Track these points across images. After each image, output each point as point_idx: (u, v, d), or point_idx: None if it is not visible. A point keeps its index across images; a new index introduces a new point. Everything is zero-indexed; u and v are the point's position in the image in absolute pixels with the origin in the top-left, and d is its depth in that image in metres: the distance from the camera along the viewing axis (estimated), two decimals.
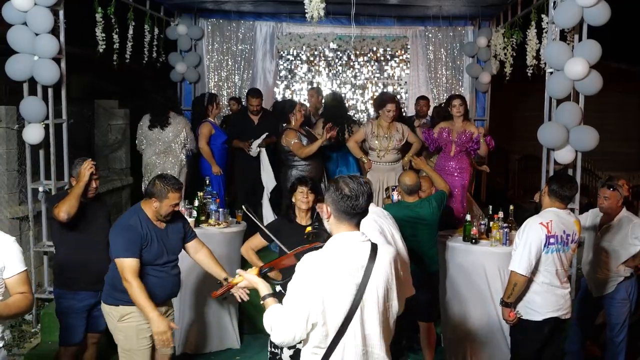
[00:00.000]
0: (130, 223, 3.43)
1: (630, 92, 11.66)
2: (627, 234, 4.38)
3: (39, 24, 4.76)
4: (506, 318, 3.73)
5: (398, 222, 4.25)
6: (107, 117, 7.41)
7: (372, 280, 2.31)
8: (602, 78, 4.64)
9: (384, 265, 2.35)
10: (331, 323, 2.29)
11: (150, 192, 3.45)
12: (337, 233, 2.38)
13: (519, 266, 3.55)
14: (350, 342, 2.30)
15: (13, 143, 5.38)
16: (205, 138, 5.86)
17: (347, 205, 2.32)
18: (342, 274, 2.29)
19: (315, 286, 2.27)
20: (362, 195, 2.34)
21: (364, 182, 2.39)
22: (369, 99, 8.44)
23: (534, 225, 3.57)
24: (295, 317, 2.26)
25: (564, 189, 3.62)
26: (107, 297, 3.55)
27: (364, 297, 2.30)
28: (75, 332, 3.96)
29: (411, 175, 4.42)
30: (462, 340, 4.77)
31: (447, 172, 5.56)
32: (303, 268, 2.32)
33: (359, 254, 2.33)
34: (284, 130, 5.70)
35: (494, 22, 7.59)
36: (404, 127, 5.94)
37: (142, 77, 10.49)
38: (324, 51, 8.37)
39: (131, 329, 3.47)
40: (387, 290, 2.36)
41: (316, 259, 2.33)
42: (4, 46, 4.86)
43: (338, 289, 2.28)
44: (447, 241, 4.75)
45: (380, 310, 2.35)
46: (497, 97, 8.46)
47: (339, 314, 2.28)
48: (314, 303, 2.26)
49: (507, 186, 10.46)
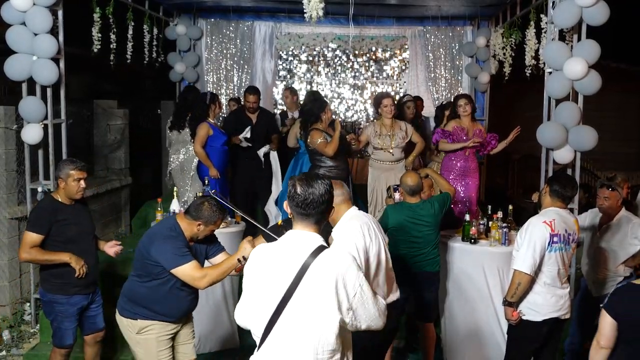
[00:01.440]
0: (172, 233, 3.27)
1: (629, 91, 11.67)
2: (626, 233, 4.38)
3: (38, 24, 4.76)
4: (509, 318, 3.72)
5: (400, 222, 4.27)
6: (106, 117, 7.40)
7: (306, 281, 2.20)
8: (601, 78, 4.64)
9: (324, 270, 2.21)
10: (261, 316, 2.28)
11: (197, 215, 3.28)
12: (294, 229, 2.37)
13: (523, 265, 3.53)
14: (274, 341, 2.26)
15: (12, 143, 5.38)
16: (201, 140, 5.74)
17: (298, 204, 2.30)
18: (278, 268, 2.26)
19: (255, 276, 2.33)
20: (312, 195, 2.28)
21: (323, 183, 2.33)
22: (368, 99, 8.45)
23: (537, 224, 3.57)
24: (240, 303, 2.41)
25: (566, 189, 3.63)
26: (124, 310, 3.40)
27: (293, 296, 2.21)
28: (69, 334, 3.98)
29: (413, 176, 4.42)
30: (461, 341, 4.77)
31: (465, 173, 5.52)
32: (251, 257, 2.40)
33: (301, 252, 2.25)
34: (310, 131, 5.62)
35: (493, 22, 7.60)
36: (407, 126, 5.93)
37: (141, 77, 10.51)
38: (323, 51, 8.38)
39: (151, 341, 3.37)
40: (323, 298, 2.20)
41: (263, 250, 2.38)
42: (3, 46, 4.86)
43: (272, 283, 2.27)
44: (447, 241, 4.74)
45: (310, 316, 2.20)
46: (496, 97, 8.46)
47: (268, 309, 2.25)
48: (251, 292, 2.34)
49: (506, 186, 10.47)
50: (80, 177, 3.85)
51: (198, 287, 3.25)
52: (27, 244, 3.80)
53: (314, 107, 5.61)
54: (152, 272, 3.27)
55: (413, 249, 4.30)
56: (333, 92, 8.56)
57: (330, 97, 8.45)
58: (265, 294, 2.28)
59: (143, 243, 3.30)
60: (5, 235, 5.30)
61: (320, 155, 5.51)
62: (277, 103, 8.48)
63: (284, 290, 2.22)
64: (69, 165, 3.86)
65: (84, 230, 3.98)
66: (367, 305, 2.28)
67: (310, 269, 2.21)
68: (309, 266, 2.21)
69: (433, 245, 4.37)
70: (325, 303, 2.20)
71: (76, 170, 3.83)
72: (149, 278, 3.29)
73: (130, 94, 9.96)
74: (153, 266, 3.24)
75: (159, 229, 3.36)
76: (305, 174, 2.41)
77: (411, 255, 4.31)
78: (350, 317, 2.25)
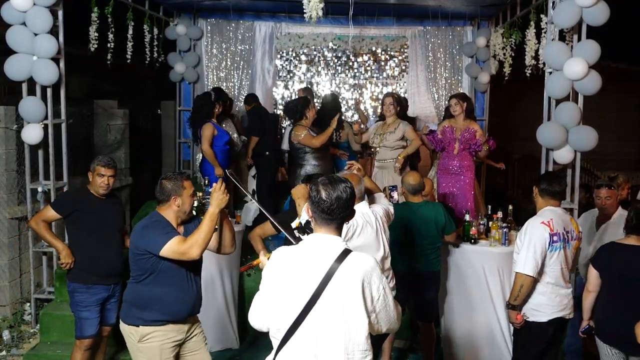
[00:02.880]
0: (152, 220, 3.23)
1: (629, 92, 11.67)
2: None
3: (38, 24, 4.76)
4: (513, 321, 3.70)
5: (403, 222, 4.28)
6: (106, 117, 7.40)
7: (333, 284, 2.22)
8: (602, 78, 4.64)
9: (351, 274, 2.22)
10: (285, 318, 2.26)
11: (166, 194, 3.23)
12: (315, 233, 2.36)
13: (525, 267, 3.51)
14: (299, 342, 2.25)
15: (12, 143, 5.38)
16: (208, 140, 5.81)
17: (323, 210, 2.29)
18: (303, 272, 2.26)
19: (277, 279, 2.30)
20: (339, 201, 2.28)
21: (345, 186, 2.32)
22: (368, 99, 8.45)
23: (536, 225, 3.56)
24: (258, 305, 2.36)
25: (553, 185, 3.63)
26: (126, 317, 3.31)
27: (320, 299, 2.22)
28: (90, 325, 4.04)
29: (415, 176, 4.44)
30: (461, 341, 4.77)
31: (451, 171, 5.53)
32: (272, 260, 2.36)
33: (327, 256, 2.25)
34: (293, 128, 5.69)
35: (493, 22, 7.59)
36: (405, 127, 5.93)
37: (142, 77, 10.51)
38: (323, 51, 8.38)
39: (154, 349, 3.25)
40: (352, 301, 2.22)
41: (285, 252, 2.35)
42: (3, 46, 4.87)
43: (296, 286, 2.25)
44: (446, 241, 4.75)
45: (339, 319, 2.22)
46: (496, 97, 8.45)
47: (293, 311, 2.24)
48: (272, 294, 2.31)
49: (506, 186, 10.46)
50: (103, 174, 3.98)
51: (191, 257, 3.08)
52: (42, 216, 4.09)
53: (298, 105, 5.72)
54: (146, 266, 3.19)
55: (415, 248, 4.30)
56: (333, 92, 8.54)
57: None
58: (289, 297, 2.26)
59: (131, 240, 3.28)
60: (5, 235, 5.30)
61: (304, 153, 5.59)
62: (277, 103, 8.48)
63: (310, 294, 2.22)
64: (97, 160, 4.04)
65: (107, 224, 4.09)
66: (388, 308, 2.31)
67: (337, 274, 2.22)
68: (335, 271, 2.22)
69: (435, 245, 4.38)
70: (354, 306, 2.21)
71: (100, 165, 3.99)
72: (145, 274, 3.21)
73: (130, 94, 9.96)
74: (145, 259, 3.18)
75: (141, 222, 3.31)
76: (327, 177, 2.37)
77: (413, 254, 4.31)
78: (373, 319, 2.28)
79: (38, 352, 4.79)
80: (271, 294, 2.32)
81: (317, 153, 5.69)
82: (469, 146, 5.44)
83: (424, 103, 8.06)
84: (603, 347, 3.65)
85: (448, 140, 5.53)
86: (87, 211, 4.03)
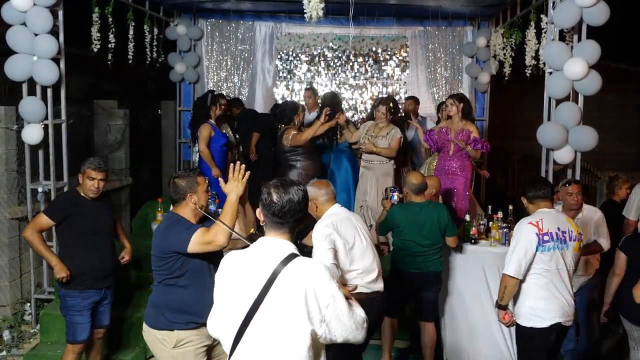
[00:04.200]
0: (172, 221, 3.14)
1: (629, 92, 11.67)
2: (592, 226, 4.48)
3: (38, 24, 4.76)
4: (501, 320, 3.71)
5: (406, 222, 4.29)
6: (106, 117, 7.40)
7: (275, 288, 2.09)
8: (602, 78, 4.65)
9: (294, 277, 2.09)
10: (230, 325, 2.16)
11: (181, 192, 3.16)
12: (266, 237, 2.26)
13: (508, 268, 3.52)
14: (245, 348, 2.13)
15: (12, 143, 5.38)
16: (205, 140, 5.84)
17: (274, 213, 2.19)
18: (248, 276, 2.15)
19: (225, 284, 2.23)
20: (290, 204, 2.18)
21: (297, 189, 2.23)
22: (368, 99, 8.45)
23: (522, 226, 3.55)
24: (213, 311, 2.28)
25: (539, 188, 3.61)
26: (157, 323, 3.13)
27: (262, 304, 2.09)
28: (83, 330, 4.00)
29: (417, 175, 4.45)
30: (461, 340, 4.78)
31: (448, 172, 5.53)
32: (221, 264, 2.28)
33: (272, 260, 2.13)
34: (283, 131, 5.72)
35: (493, 22, 7.60)
36: (395, 134, 5.92)
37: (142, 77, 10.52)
38: (323, 51, 8.38)
39: (189, 354, 3.10)
40: (293, 306, 2.07)
41: (234, 257, 2.26)
42: (4, 46, 4.87)
43: (241, 291, 2.15)
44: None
45: (281, 326, 2.08)
46: (497, 97, 8.46)
47: (237, 318, 2.13)
48: (221, 300, 2.23)
49: (506, 186, 10.46)
50: (94, 177, 3.90)
51: (219, 245, 2.96)
52: (36, 225, 3.97)
53: (286, 109, 5.77)
54: (175, 267, 3.09)
55: (417, 248, 4.30)
56: (333, 91, 8.54)
57: None
58: (234, 303, 2.16)
59: (154, 245, 3.15)
60: (6, 235, 5.30)
61: (294, 155, 5.64)
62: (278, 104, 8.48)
63: (253, 298, 2.10)
64: (87, 163, 3.94)
65: (99, 227, 4.04)
66: (341, 317, 2.13)
67: (280, 277, 2.09)
68: (279, 274, 2.09)
69: (437, 245, 4.37)
70: (294, 313, 2.07)
71: (91, 169, 3.90)
72: (175, 276, 3.11)
73: (131, 94, 9.97)
74: (173, 261, 3.08)
75: (160, 225, 3.22)
76: (279, 179, 2.28)
77: (415, 254, 4.31)
78: (323, 329, 2.11)
79: (38, 352, 4.79)
80: (220, 301, 2.23)
81: (306, 154, 5.72)
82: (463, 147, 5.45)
83: (424, 103, 8.03)
84: (631, 327, 3.92)
85: (443, 141, 5.54)
86: (80, 215, 3.94)
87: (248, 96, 8.15)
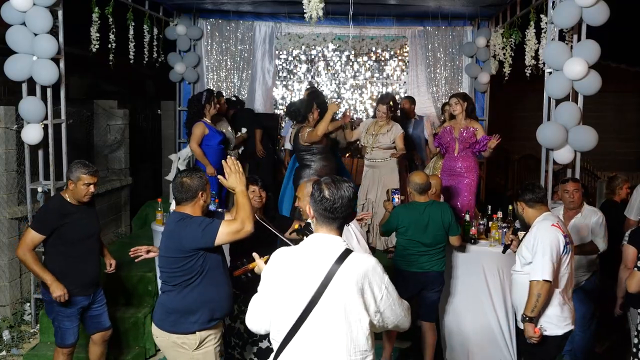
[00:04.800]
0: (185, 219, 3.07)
1: (629, 92, 11.68)
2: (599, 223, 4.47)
3: (38, 24, 4.76)
4: (530, 335, 3.40)
5: (410, 222, 4.29)
6: (106, 117, 7.41)
7: (333, 286, 2.20)
8: (601, 78, 4.64)
9: (351, 275, 2.21)
10: (285, 319, 2.25)
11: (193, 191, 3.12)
12: (316, 233, 2.35)
13: (543, 273, 3.29)
14: (299, 344, 2.23)
15: (12, 143, 5.38)
16: (196, 139, 5.75)
17: (326, 209, 2.28)
18: (303, 273, 2.25)
19: (277, 280, 2.29)
20: (342, 200, 2.28)
21: (348, 186, 2.33)
22: (367, 99, 8.45)
23: (547, 228, 3.38)
24: (256, 306, 2.36)
25: (536, 192, 3.54)
26: (177, 327, 3.07)
27: (320, 301, 2.20)
28: (72, 334, 3.98)
29: (421, 175, 4.44)
30: (461, 340, 4.78)
31: (454, 173, 5.51)
32: (272, 261, 2.35)
33: (327, 257, 2.24)
34: (298, 130, 5.66)
35: (493, 22, 7.60)
36: (397, 132, 5.92)
37: (142, 77, 10.52)
38: (323, 51, 8.38)
39: (210, 354, 3.11)
40: (352, 302, 2.20)
41: (285, 253, 2.34)
42: (3, 46, 4.87)
43: (297, 287, 2.25)
44: None
45: (340, 321, 2.20)
46: (496, 97, 8.46)
47: (293, 313, 2.23)
48: (272, 295, 2.30)
49: (506, 186, 10.47)
50: (91, 182, 3.83)
51: (248, 232, 2.98)
52: (27, 243, 3.80)
53: (301, 108, 5.72)
54: (195, 266, 3.04)
55: (421, 248, 4.30)
56: (333, 92, 8.56)
57: (330, 97, 8.45)
58: (289, 299, 2.25)
59: (169, 247, 3.08)
60: (5, 235, 5.31)
61: (309, 154, 5.58)
62: (278, 103, 8.48)
63: (310, 295, 2.21)
64: (82, 168, 3.82)
65: (89, 232, 3.98)
66: (393, 306, 2.30)
67: (337, 275, 2.20)
68: (335, 272, 2.21)
69: (441, 245, 4.38)
70: (352, 307, 2.20)
71: (88, 175, 3.81)
72: (195, 276, 3.06)
73: (130, 94, 9.97)
74: (195, 260, 3.03)
75: (170, 227, 3.15)
76: (330, 177, 2.38)
77: (419, 254, 4.31)
78: (377, 319, 2.27)
79: (38, 352, 4.79)
80: (271, 296, 2.31)
81: (322, 155, 5.66)
82: (468, 145, 5.43)
83: (424, 103, 8.05)
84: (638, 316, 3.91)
85: (447, 141, 5.52)
86: (69, 224, 3.85)
87: (248, 96, 8.15)
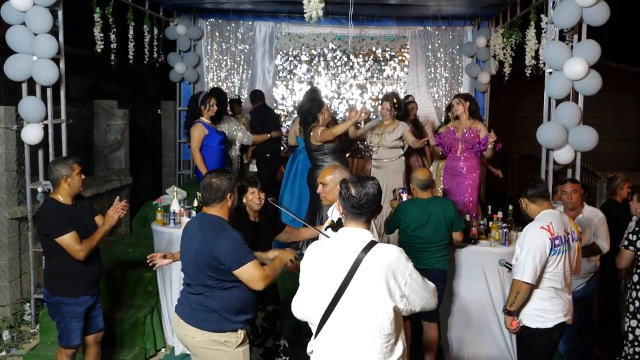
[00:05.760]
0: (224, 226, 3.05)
1: (629, 92, 11.68)
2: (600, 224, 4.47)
3: (38, 24, 4.76)
4: (508, 327, 3.59)
5: (413, 218, 4.30)
6: (106, 117, 7.41)
7: (359, 273, 2.41)
8: (602, 78, 4.64)
9: (376, 263, 2.41)
10: (319, 305, 2.49)
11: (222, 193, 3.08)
12: (346, 227, 2.57)
13: (524, 274, 3.40)
14: (332, 327, 2.46)
15: (12, 143, 5.38)
16: (195, 141, 5.59)
17: (353, 205, 2.50)
18: (334, 263, 2.47)
19: (312, 271, 2.55)
20: (367, 197, 2.49)
21: (372, 183, 2.54)
22: (368, 99, 8.45)
23: (534, 231, 3.45)
24: (299, 296, 2.61)
25: (537, 187, 3.55)
26: (221, 326, 3.07)
27: (348, 287, 2.42)
28: (78, 335, 3.96)
29: (424, 171, 4.47)
30: (461, 340, 4.78)
31: (456, 173, 5.50)
32: (307, 254, 2.60)
33: (354, 248, 2.45)
34: (310, 129, 5.63)
35: (493, 22, 7.60)
36: (404, 128, 5.91)
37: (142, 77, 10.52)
38: (323, 51, 8.38)
39: (247, 351, 3.17)
40: (376, 288, 2.40)
41: (319, 246, 2.59)
42: (3, 46, 4.87)
43: (328, 276, 2.47)
44: None
45: (366, 305, 2.41)
46: (497, 97, 8.46)
47: (326, 299, 2.46)
48: (309, 285, 2.55)
49: (506, 186, 10.46)
50: (81, 169, 3.89)
51: (258, 289, 3.00)
52: (73, 244, 3.75)
53: (311, 108, 5.67)
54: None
55: (423, 245, 4.30)
56: (333, 92, 8.55)
57: (331, 97, 8.44)
58: (322, 287, 2.48)
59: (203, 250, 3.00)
60: (5, 235, 5.30)
61: (321, 154, 5.53)
62: (277, 103, 8.48)
63: (339, 282, 2.42)
64: (67, 160, 3.85)
65: (87, 231, 3.94)
66: (418, 290, 2.48)
67: (363, 263, 2.41)
68: (362, 260, 2.41)
69: (443, 242, 4.37)
70: (377, 293, 2.40)
71: (76, 163, 3.87)
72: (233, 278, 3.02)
73: (131, 94, 9.97)
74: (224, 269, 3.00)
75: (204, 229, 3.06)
76: (356, 175, 2.61)
77: (420, 250, 4.30)
78: (404, 303, 2.46)
79: (38, 352, 4.79)
80: (308, 285, 2.56)
81: (334, 155, 5.61)
82: (471, 146, 5.42)
83: (424, 103, 8.05)
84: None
85: (450, 141, 5.50)
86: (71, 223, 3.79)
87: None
